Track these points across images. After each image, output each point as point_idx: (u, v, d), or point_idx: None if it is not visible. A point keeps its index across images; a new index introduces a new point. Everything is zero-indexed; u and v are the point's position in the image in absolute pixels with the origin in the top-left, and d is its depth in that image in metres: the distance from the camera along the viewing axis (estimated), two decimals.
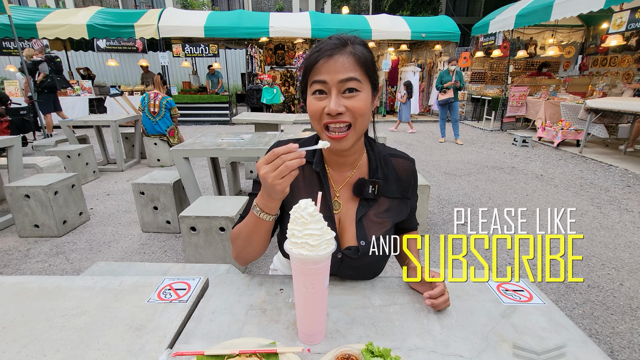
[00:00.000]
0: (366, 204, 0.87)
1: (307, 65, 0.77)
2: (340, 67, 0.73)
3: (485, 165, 5.18)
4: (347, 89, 0.74)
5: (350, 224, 0.87)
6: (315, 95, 0.77)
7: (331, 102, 0.73)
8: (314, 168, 0.88)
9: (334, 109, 0.73)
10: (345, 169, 0.90)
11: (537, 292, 0.85)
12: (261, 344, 0.65)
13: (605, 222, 3.16)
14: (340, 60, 0.73)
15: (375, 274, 0.95)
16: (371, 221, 0.87)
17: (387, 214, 0.89)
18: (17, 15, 7.71)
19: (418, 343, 0.69)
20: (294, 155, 0.66)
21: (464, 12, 20.32)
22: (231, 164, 3.79)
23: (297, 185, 0.90)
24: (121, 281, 0.88)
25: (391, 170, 0.90)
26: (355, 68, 0.74)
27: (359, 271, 0.89)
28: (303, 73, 0.80)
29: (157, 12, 8.52)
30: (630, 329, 1.83)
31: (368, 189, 0.86)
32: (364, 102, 0.76)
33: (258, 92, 9.54)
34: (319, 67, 0.74)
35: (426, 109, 11.27)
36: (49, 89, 6.46)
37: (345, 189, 0.89)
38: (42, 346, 0.67)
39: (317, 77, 0.75)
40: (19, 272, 2.40)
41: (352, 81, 0.73)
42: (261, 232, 0.80)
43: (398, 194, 0.90)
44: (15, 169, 3.13)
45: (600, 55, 8.60)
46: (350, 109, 0.75)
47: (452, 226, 2.98)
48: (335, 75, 0.73)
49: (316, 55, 0.75)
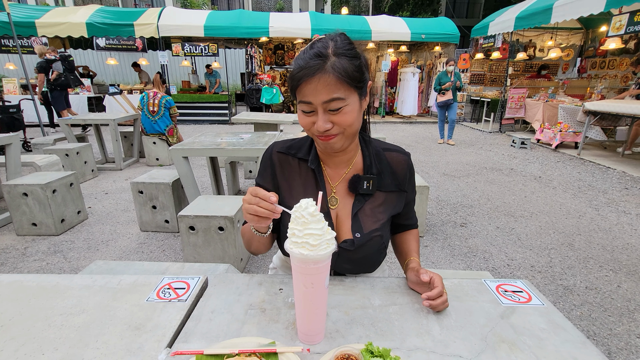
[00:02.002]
0: (362, 199, 0.89)
1: (292, 83, 0.78)
2: (322, 88, 0.73)
3: (484, 166, 5.19)
4: (332, 109, 0.75)
5: (346, 218, 0.89)
6: (303, 112, 0.79)
7: (318, 121, 0.76)
8: (309, 165, 0.89)
9: (322, 128, 0.76)
10: (341, 166, 0.91)
11: (535, 293, 0.85)
12: (261, 343, 0.65)
13: (603, 224, 3.17)
14: (323, 80, 0.73)
15: (373, 267, 0.97)
16: (367, 215, 0.89)
17: (383, 207, 0.91)
18: (16, 13, 7.69)
19: (417, 343, 0.69)
20: (267, 205, 0.69)
21: (464, 14, 20.37)
22: (230, 163, 3.79)
23: (294, 182, 0.91)
24: (120, 280, 0.88)
25: (385, 164, 0.92)
26: (338, 86, 0.73)
27: (357, 264, 0.91)
28: (290, 86, 0.80)
29: (156, 11, 8.51)
30: (628, 330, 1.84)
31: (363, 185, 0.88)
32: (350, 115, 0.77)
33: (257, 91, 9.53)
34: (302, 89, 0.75)
35: (425, 110, 11.29)
36: (62, 87, 6.68)
37: (341, 184, 0.91)
38: (41, 345, 0.67)
39: (302, 99, 0.76)
40: (17, 270, 2.39)
41: (335, 101, 0.74)
42: (260, 238, 0.86)
43: (394, 188, 0.92)
44: (13, 167, 3.12)
45: (599, 58, 8.63)
46: (337, 123, 0.77)
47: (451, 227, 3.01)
48: (319, 97, 0.74)
49: (299, 74, 0.75)
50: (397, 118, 10.66)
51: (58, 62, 6.52)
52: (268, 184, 0.93)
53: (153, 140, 5.04)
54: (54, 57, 6.50)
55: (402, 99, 10.31)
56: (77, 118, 5.25)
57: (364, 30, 9.17)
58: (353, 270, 0.92)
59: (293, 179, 0.91)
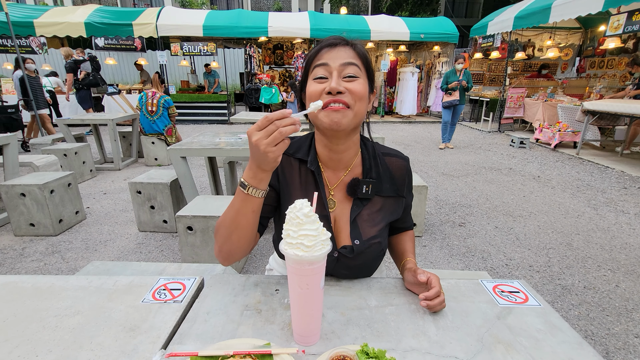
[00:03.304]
0: (360, 203, 0.88)
1: (310, 55, 0.81)
2: (342, 53, 0.78)
3: (482, 166, 5.19)
4: (348, 75, 0.77)
5: (345, 223, 0.88)
6: (316, 80, 0.79)
7: (332, 82, 0.76)
8: (308, 167, 0.88)
9: (335, 87, 0.75)
10: (340, 167, 0.90)
11: (532, 294, 0.85)
12: (256, 344, 0.65)
13: (602, 223, 3.18)
14: (342, 50, 0.79)
15: (371, 273, 0.95)
16: (365, 220, 0.88)
17: (381, 213, 0.90)
18: (15, 13, 7.66)
19: (413, 344, 0.68)
20: (288, 122, 0.64)
21: (463, 14, 20.37)
22: (229, 163, 3.78)
23: (293, 183, 0.90)
24: (116, 281, 0.88)
25: (385, 169, 0.91)
26: (355, 57, 0.79)
27: (354, 270, 0.90)
28: (305, 64, 0.82)
29: (155, 11, 8.49)
30: (626, 330, 1.84)
31: (362, 189, 0.86)
32: (363, 87, 0.79)
33: (256, 91, 9.52)
34: (322, 54, 0.79)
35: (424, 110, 11.30)
36: (90, 86, 7.02)
37: (339, 188, 0.90)
38: (35, 346, 0.67)
39: (319, 62, 0.78)
40: (14, 271, 2.39)
41: (352, 66, 0.77)
42: (248, 213, 0.75)
43: (392, 193, 0.91)
44: (11, 167, 3.11)
45: (598, 57, 8.64)
46: (350, 90, 0.77)
47: (450, 227, 3.01)
48: (337, 60, 0.77)
49: (319, 46, 0.81)
50: (396, 118, 10.66)
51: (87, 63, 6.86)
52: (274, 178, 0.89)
53: (152, 140, 5.03)
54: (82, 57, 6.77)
55: (401, 99, 10.32)
56: (76, 118, 5.24)
57: (363, 30, 9.16)
58: (350, 276, 0.91)
59: (293, 180, 0.90)
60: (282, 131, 0.63)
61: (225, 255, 0.82)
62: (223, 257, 0.82)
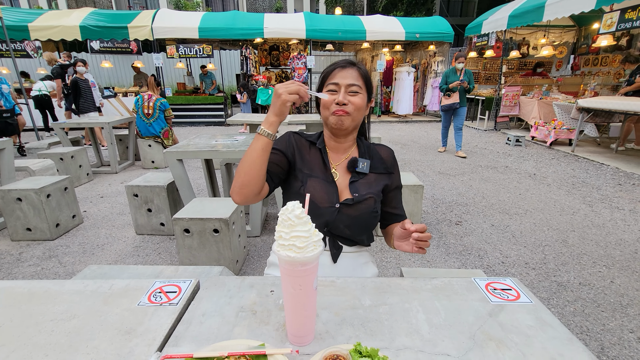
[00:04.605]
0: (357, 176, 1.12)
1: (325, 73, 1.10)
2: (349, 76, 1.05)
3: (479, 164, 5.22)
4: (351, 91, 1.05)
5: (345, 187, 1.11)
6: (329, 92, 1.07)
7: (340, 96, 1.04)
8: (317, 146, 1.15)
9: (342, 100, 1.04)
10: (341, 152, 1.17)
11: (524, 291, 0.86)
12: (250, 345, 0.66)
13: (597, 220, 3.20)
14: (350, 72, 1.06)
15: (368, 230, 1.13)
16: (362, 184, 1.11)
17: (375, 183, 1.13)
18: (9, 17, 7.63)
19: (406, 343, 0.69)
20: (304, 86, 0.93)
21: (458, 13, 20.41)
22: (225, 165, 3.78)
23: (304, 154, 1.14)
24: (111, 284, 0.88)
25: (376, 153, 1.19)
26: (359, 79, 1.06)
27: (353, 225, 1.07)
28: (321, 79, 1.11)
29: (150, 13, 8.48)
30: (621, 325, 1.86)
31: (359, 165, 1.11)
32: (361, 101, 1.07)
33: (253, 93, 9.51)
34: (335, 73, 1.07)
35: (421, 109, 11.33)
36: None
37: (341, 165, 1.15)
38: (31, 351, 0.67)
39: (332, 81, 1.07)
40: (11, 276, 2.38)
41: (355, 86, 1.05)
42: (258, 149, 0.95)
43: (383, 170, 1.16)
44: (7, 171, 3.10)
45: (592, 55, 8.69)
46: (351, 102, 1.05)
47: (446, 225, 3.01)
48: (345, 80, 1.05)
49: (333, 67, 1.09)
50: (392, 117, 10.69)
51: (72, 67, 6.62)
52: (287, 148, 1.12)
53: (148, 143, 5.02)
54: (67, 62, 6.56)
55: (397, 98, 10.34)
56: (71, 122, 5.23)
57: (359, 30, 9.19)
58: (350, 233, 1.08)
59: (305, 154, 1.15)
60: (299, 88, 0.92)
61: (240, 185, 0.97)
62: (238, 186, 0.97)
